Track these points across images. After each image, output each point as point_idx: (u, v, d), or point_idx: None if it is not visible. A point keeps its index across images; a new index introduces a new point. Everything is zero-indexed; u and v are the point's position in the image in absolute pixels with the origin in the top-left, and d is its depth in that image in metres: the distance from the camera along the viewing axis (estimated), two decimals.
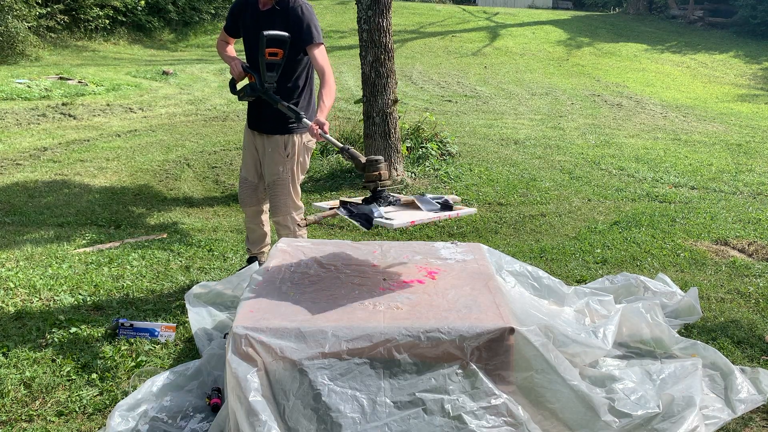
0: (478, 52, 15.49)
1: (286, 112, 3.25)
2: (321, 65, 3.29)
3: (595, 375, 2.56)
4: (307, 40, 3.29)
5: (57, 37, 14.47)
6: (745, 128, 9.16)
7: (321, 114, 3.12)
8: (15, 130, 7.51)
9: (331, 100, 3.23)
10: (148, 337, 3.03)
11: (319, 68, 3.29)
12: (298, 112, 3.22)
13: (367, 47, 5.54)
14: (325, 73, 3.26)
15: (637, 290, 3.46)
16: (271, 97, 3.28)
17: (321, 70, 3.28)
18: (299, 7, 3.31)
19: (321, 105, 3.17)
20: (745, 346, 3.06)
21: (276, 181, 3.52)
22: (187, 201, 5.47)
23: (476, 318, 2.24)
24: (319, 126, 3.06)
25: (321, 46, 3.34)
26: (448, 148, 6.82)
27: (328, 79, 3.25)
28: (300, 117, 3.20)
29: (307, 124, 3.14)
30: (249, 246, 3.84)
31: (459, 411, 2.10)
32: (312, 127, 3.07)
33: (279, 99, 3.26)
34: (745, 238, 4.63)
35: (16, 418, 2.45)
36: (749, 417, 2.51)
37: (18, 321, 3.19)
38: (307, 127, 3.14)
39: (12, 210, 5.00)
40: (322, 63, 3.29)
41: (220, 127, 8.16)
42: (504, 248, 4.34)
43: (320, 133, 3.05)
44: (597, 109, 10.27)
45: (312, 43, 3.30)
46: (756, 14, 17.80)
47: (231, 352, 2.14)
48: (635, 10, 21.84)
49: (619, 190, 5.88)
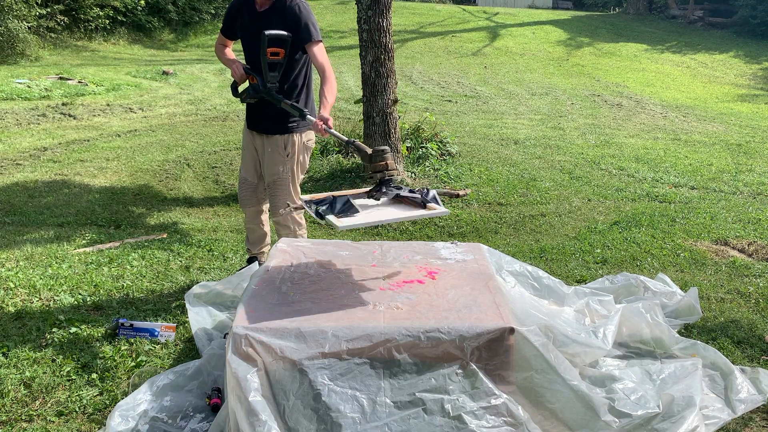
0: (478, 52, 15.49)
1: (289, 111, 3.26)
2: (321, 62, 3.29)
3: (595, 375, 2.56)
4: (306, 38, 3.30)
5: (57, 37, 14.48)
6: (745, 128, 9.16)
7: (324, 110, 3.13)
8: (15, 130, 7.51)
9: (333, 96, 3.23)
10: (148, 337, 3.03)
11: (320, 65, 3.29)
12: (302, 110, 3.22)
13: (367, 47, 5.54)
14: (325, 70, 3.26)
15: (637, 290, 3.46)
16: (273, 97, 3.28)
17: (321, 68, 3.28)
18: (296, 5, 3.31)
19: (323, 101, 3.18)
20: (745, 346, 3.06)
21: (276, 180, 3.52)
22: (187, 201, 5.47)
23: (476, 318, 2.24)
24: (323, 122, 3.06)
25: (320, 44, 3.34)
26: (448, 148, 6.82)
27: (329, 75, 3.25)
28: (304, 114, 3.21)
29: (312, 120, 3.14)
30: (249, 246, 3.84)
31: (459, 411, 2.10)
32: (317, 123, 3.07)
33: (282, 98, 3.27)
34: (745, 238, 4.63)
35: (16, 418, 2.45)
36: (749, 417, 2.51)
37: (18, 321, 3.19)
38: (312, 123, 3.14)
39: (12, 210, 4.99)
40: (321, 60, 3.29)
41: (220, 127, 8.16)
42: (504, 248, 4.34)
43: (325, 128, 3.05)
44: (597, 109, 10.27)
45: (311, 41, 3.30)
46: (756, 14, 17.80)
47: (231, 352, 2.14)
48: (635, 10, 21.84)
49: (619, 190, 5.88)
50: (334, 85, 3.25)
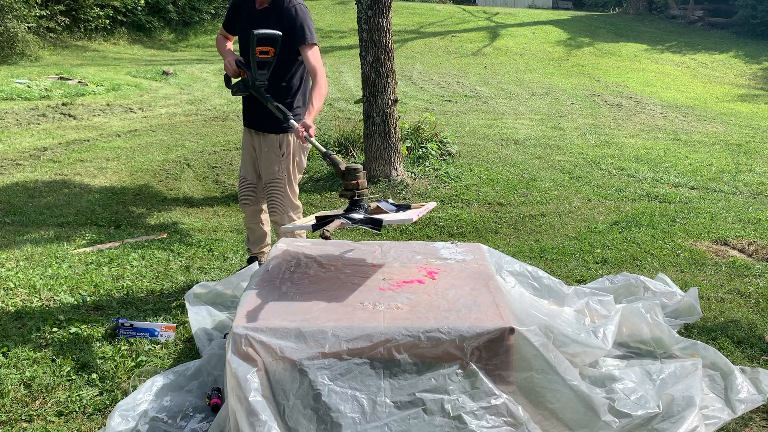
0: (478, 52, 15.49)
1: (274, 112, 3.23)
2: (313, 65, 3.27)
3: (595, 375, 2.56)
4: (300, 40, 3.29)
5: (57, 37, 14.47)
6: (745, 128, 9.16)
7: (308, 116, 3.10)
8: (15, 130, 7.51)
9: (321, 102, 3.21)
10: (148, 337, 3.03)
11: (311, 69, 3.28)
12: (286, 113, 3.19)
13: (367, 47, 5.54)
14: (317, 74, 3.25)
15: (637, 290, 3.46)
16: (261, 95, 3.26)
17: (313, 71, 3.27)
18: (293, 7, 3.31)
19: (309, 107, 3.16)
20: (745, 346, 3.06)
21: (272, 180, 3.51)
22: (187, 201, 5.47)
23: (476, 318, 2.24)
24: (304, 129, 3.04)
25: (314, 47, 3.32)
26: (448, 148, 6.82)
27: (320, 80, 3.23)
28: (288, 118, 3.18)
29: (294, 125, 3.12)
30: (249, 246, 3.84)
31: (459, 411, 2.10)
32: (297, 129, 3.05)
33: (269, 98, 3.25)
34: (745, 238, 4.63)
35: (16, 418, 2.45)
36: (749, 417, 2.51)
37: (18, 321, 3.19)
38: (293, 129, 3.12)
39: (12, 210, 4.99)
40: (314, 63, 3.28)
41: (220, 127, 8.16)
42: (504, 248, 4.34)
43: (305, 136, 3.03)
44: (597, 109, 10.27)
45: (305, 44, 3.29)
46: (756, 14, 17.80)
47: (231, 352, 2.14)
48: (635, 10, 21.84)
49: (619, 190, 5.88)
50: (324, 90, 3.23)
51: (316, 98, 3.18)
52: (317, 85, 3.22)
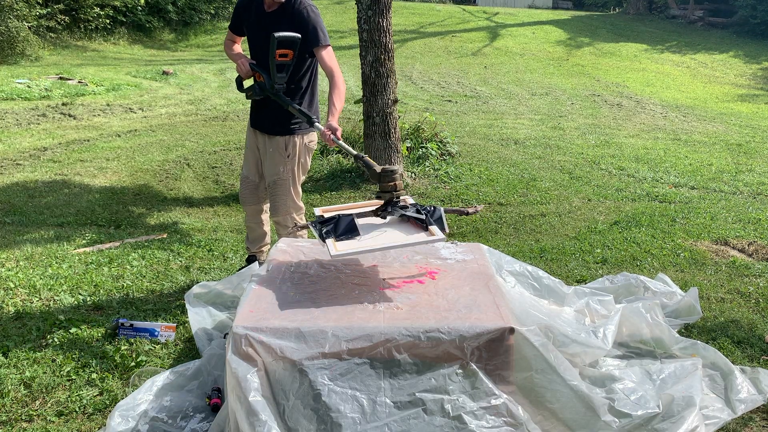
0: (478, 52, 15.49)
1: (297, 115, 3.23)
2: (330, 67, 3.25)
3: (595, 375, 2.56)
4: (314, 42, 3.27)
5: (57, 37, 14.47)
6: (745, 128, 9.16)
7: (332, 118, 3.09)
8: (15, 130, 7.51)
9: (342, 103, 3.20)
10: (148, 337, 3.03)
11: (328, 70, 3.25)
12: (310, 116, 3.19)
13: (367, 47, 5.54)
14: (334, 75, 3.22)
15: (637, 290, 3.46)
16: (281, 99, 3.26)
17: (330, 72, 3.24)
18: (305, 9, 3.28)
19: (332, 109, 3.14)
20: (745, 346, 3.06)
21: (276, 181, 3.51)
22: (187, 201, 5.47)
23: (476, 318, 2.24)
24: (331, 131, 3.03)
25: (328, 48, 3.30)
26: (448, 148, 6.82)
27: (338, 81, 3.21)
28: (312, 121, 3.18)
29: (319, 128, 3.11)
30: (248, 244, 3.84)
31: (459, 411, 2.10)
32: (324, 132, 3.05)
33: (290, 101, 3.24)
34: (745, 238, 4.63)
35: (16, 418, 2.45)
36: (749, 417, 2.51)
37: (18, 321, 3.19)
38: (320, 132, 3.11)
39: (12, 210, 4.99)
40: (330, 65, 3.25)
41: (220, 127, 8.16)
42: (504, 248, 4.34)
43: (333, 138, 3.03)
44: (597, 109, 10.27)
45: (318, 46, 3.27)
46: (756, 14, 17.80)
47: (231, 352, 2.14)
48: (635, 10, 21.84)
49: (619, 190, 5.88)
50: (343, 90, 3.22)
51: (337, 99, 3.17)
52: (335, 85, 3.20)
